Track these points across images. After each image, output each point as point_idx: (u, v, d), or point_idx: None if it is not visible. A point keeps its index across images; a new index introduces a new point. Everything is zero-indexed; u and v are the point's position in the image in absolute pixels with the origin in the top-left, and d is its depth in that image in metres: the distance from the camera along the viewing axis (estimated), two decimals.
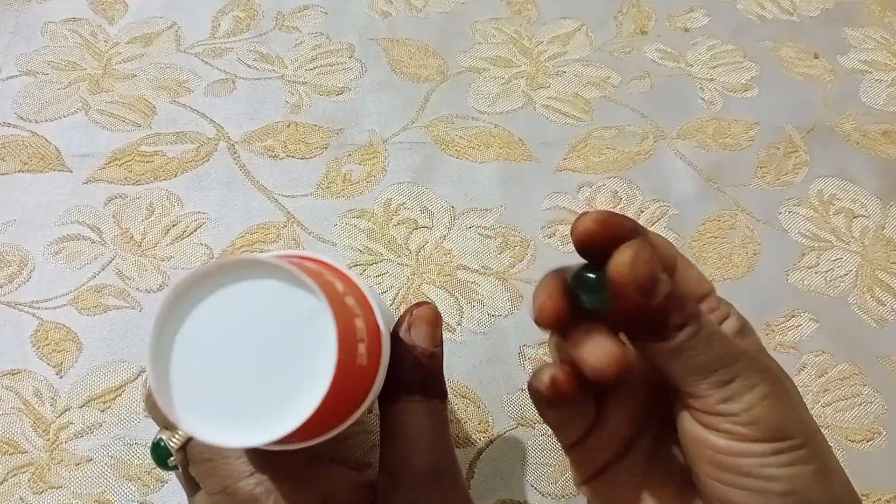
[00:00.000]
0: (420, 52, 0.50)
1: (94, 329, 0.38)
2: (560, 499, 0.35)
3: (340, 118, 0.46)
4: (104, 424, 0.36)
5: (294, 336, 0.20)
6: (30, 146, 0.44)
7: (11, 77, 0.46)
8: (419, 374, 0.27)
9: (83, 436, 0.35)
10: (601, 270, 0.25)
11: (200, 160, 0.44)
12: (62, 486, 0.34)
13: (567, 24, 0.52)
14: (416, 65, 0.49)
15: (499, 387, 0.38)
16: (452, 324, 0.39)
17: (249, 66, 0.48)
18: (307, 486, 0.25)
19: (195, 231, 0.41)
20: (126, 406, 0.36)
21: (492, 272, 0.41)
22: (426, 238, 0.42)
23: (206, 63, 0.48)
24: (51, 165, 0.43)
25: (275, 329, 0.20)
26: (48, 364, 0.37)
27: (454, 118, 0.47)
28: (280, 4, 0.51)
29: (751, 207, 0.44)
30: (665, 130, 0.47)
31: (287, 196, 0.43)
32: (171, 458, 0.25)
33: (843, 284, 0.42)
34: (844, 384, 0.39)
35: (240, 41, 0.49)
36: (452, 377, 0.38)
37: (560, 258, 0.42)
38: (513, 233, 0.42)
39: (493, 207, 0.43)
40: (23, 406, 0.36)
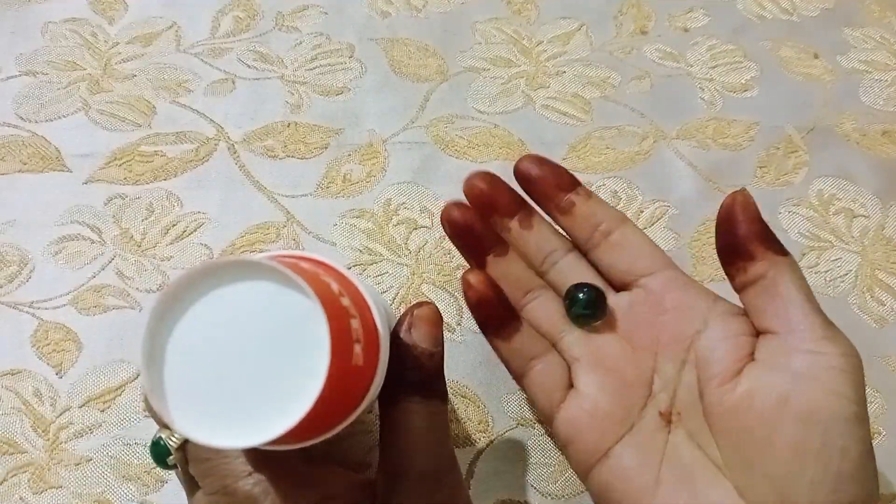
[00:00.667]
0: (420, 52, 0.50)
1: (94, 329, 0.38)
2: (560, 499, 0.35)
3: (340, 118, 0.46)
4: (104, 424, 0.36)
5: (288, 337, 0.20)
6: (30, 146, 0.44)
7: (11, 77, 0.46)
8: (420, 375, 0.26)
9: (83, 436, 0.35)
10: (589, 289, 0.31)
11: (200, 160, 0.44)
12: (62, 486, 0.34)
13: (567, 24, 0.52)
14: (416, 65, 0.49)
15: (499, 387, 0.38)
16: (452, 324, 0.39)
17: (249, 66, 0.48)
18: (306, 486, 0.25)
19: (195, 231, 0.41)
20: (126, 406, 0.36)
21: None
22: (426, 238, 0.42)
23: (206, 63, 0.48)
24: (51, 165, 0.43)
25: (268, 330, 0.20)
26: (48, 364, 0.37)
27: (454, 118, 0.47)
28: (280, 4, 0.51)
29: None
30: (665, 130, 0.47)
31: (287, 196, 0.43)
32: (170, 458, 0.25)
33: (843, 284, 0.42)
34: None
35: (240, 41, 0.49)
36: (452, 377, 0.38)
37: None
38: None
39: None
40: (22, 406, 0.36)
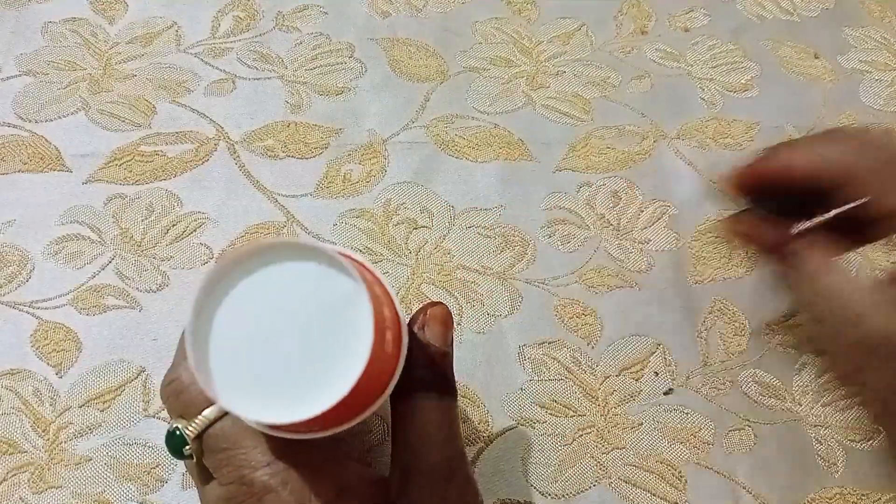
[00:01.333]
0: (420, 52, 0.50)
1: (94, 329, 0.38)
2: (560, 499, 0.35)
3: (340, 118, 0.46)
4: (104, 424, 0.36)
5: (331, 318, 0.21)
6: (30, 146, 0.44)
7: (11, 77, 0.46)
8: (432, 373, 0.27)
9: (83, 436, 0.35)
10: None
11: (200, 160, 0.44)
12: (62, 486, 0.34)
13: (567, 24, 0.52)
14: (416, 65, 0.49)
15: (499, 387, 0.38)
16: None
17: (249, 66, 0.48)
18: (323, 478, 0.25)
19: (195, 231, 0.41)
20: (126, 406, 0.36)
21: (491, 272, 0.41)
22: (426, 238, 0.42)
23: (206, 63, 0.48)
24: (51, 165, 0.43)
25: (312, 310, 0.21)
26: (48, 364, 0.37)
27: (454, 118, 0.47)
28: (280, 4, 0.51)
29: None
30: (665, 130, 0.47)
31: (287, 196, 0.43)
32: (187, 447, 0.25)
33: None
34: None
35: (240, 41, 0.49)
36: None
37: (560, 258, 0.42)
38: (512, 232, 0.42)
39: (493, 207, 0.43)
40: (22, 406, 0.36)
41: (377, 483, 0.27)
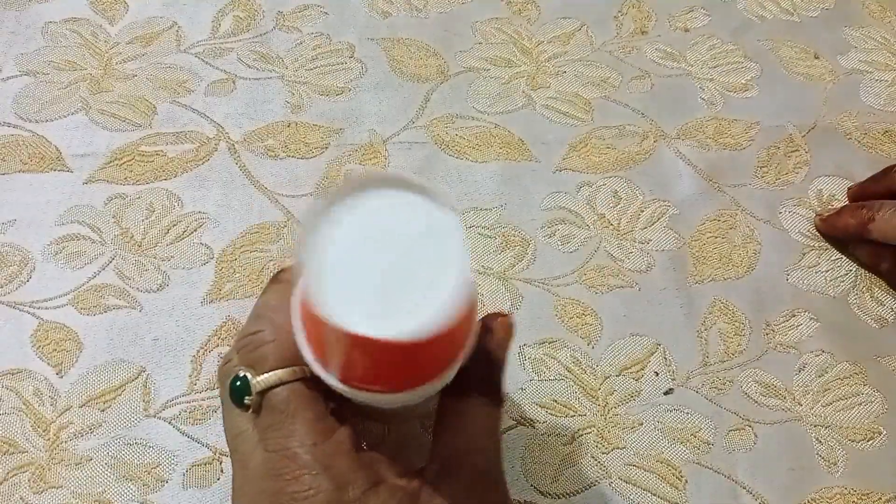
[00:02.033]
0: (420, 52, 0.50)
1: (94, 329, 0.38)
2: (560, 498, 0.35)
3: (340, 118, 0.46)
4: (104, 424, 0.36)
5: (430, 246, 0.21)
6: (30, 146, 0.44)
7: (11, 77, 0.46)
8: (489, 378, 0.28)
9: (83, 436, 0.35)
10: None
11: (200, 160, 0.44)
12: (62, 486, 0.34)
13: (567, 24, 0.52)
14: (417, 65, 0.49)
15: None
16: None
17: (250, 66, 0.48)
18: (361, 467, 0.25)
19: (195, 231, 0.41)
20: (126, 406, 0.36)
21: (492, 272, 0.41)
22: None
23: (207, 63, 0.48)
24: (51, 165, 0.43)
25: (414, 239, 0.22)
26: (48, 364, 0.37)
27: (454, 118, 0.47)
28: (280, 4, 0.51)
29: (751, 207, 0.44)
30: (665, 130, 0.47)
31: (287, 196, 0.43)
32: (249, 398, 0.25)
33: (843, 284, 0.42)
34: (844, 384, 0.39)
35: (240, 41, 0.49)
36: None
37: (560, 258, 0.42)
38: (513, 232, 0.42)
39: (493, 207, 0.43)
40: (23, 406, 0.36)
41: (410, 476, 0.26)
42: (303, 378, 0.25)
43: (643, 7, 0.53)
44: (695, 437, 0.37)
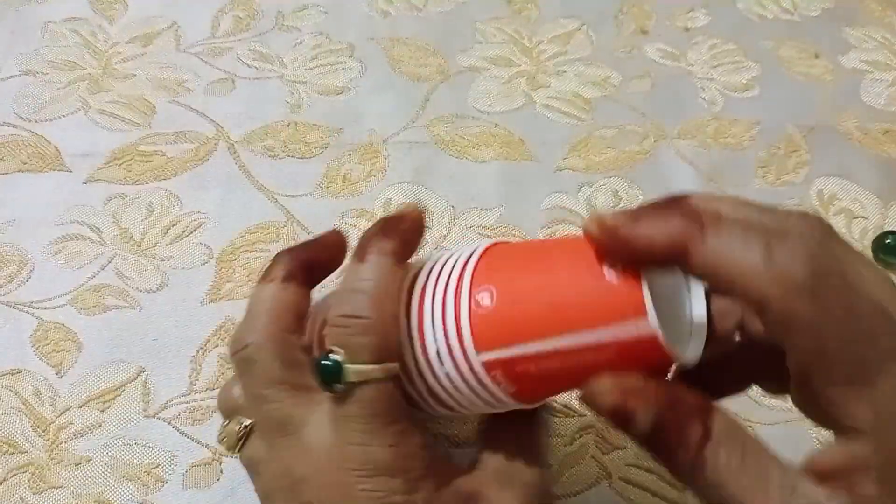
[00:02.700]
0: (420, 52, 0.50)
1: (94, 329, 0.38)
2: (560, 499, 0.35)
3: (340, 118, 0.46)
4: (104, 424, 0.36)
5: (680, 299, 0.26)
6: (29, 146, 0.44)
7: (11, 77, 0.46)
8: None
9: (83, 436, 0.35)
10: None
11: (200, 160, 0.44)
12: (62, 486, 0.34)
13: (567, 24, 0.52)
14: (416, 64, 0.49)
15: None
16: None
17: (249, 66, 0.48)
18: (430, 472, 0.25)
19: (195, 231, 0.41)
20: (126, 406, 0.36)
21: None
22: (426, 238, 0.42)
23: (206, 62, 0.48)
24: (50, 165, 0.43)
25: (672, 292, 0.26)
26: (48, 364, 0.37)
27: (454, 118, 0.47)
28: (280, 4, 0.51)
29: None
30: (666, 130, 0.47)
31: (287, 196, 0.43)
32: (339, 385, 0.24)
33: None
34: None
35: (239, 41, 0.49)
36: None
37: None
38: (513, 232, 0.42)
39: (493, 207, 0.43)
40: (22, 406, 0.36)
41: (468, 479, 0.27)
42: (394, 377, 0.25)
43: (644, 7, 0.53)
44: None
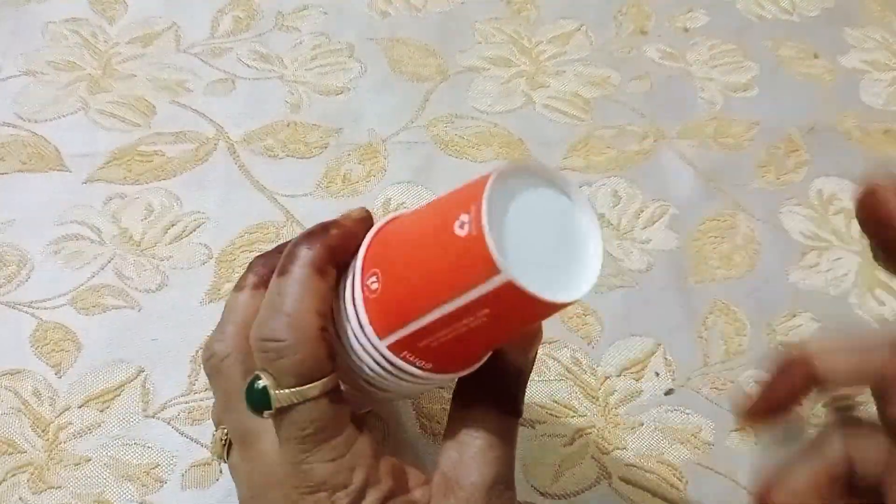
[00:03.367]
0: (420, 52, 0.50)
1: (93, 329, 0.38)
2: (560, 499, 0.35)
3: (340, 118, 0.46)
4: (103, 424, 0.36)
5: (570, 231, 0.24)
6: (29, 146, 0.44)
7: (11, 77, 0.46)
8: (508, 388, 0.27)
9: (82, 436, 0.35)
10: None
11: (200, 160, 0.44)
12: (61, 486, 0.34)
13: (567, 24, 0.52)
14: (416, 64, 0.49)
15: None
16: None
17: (249, 66, 0.48)
18: (377, 479, 0.25)
19: (194, 231, 0.41)
20: (125, 406, 0.36)
21: None
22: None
23: (206, 63, 0.48)
24: (50, 165, 0.43)
25: (557, 223, 0.24)
26: (47, 364, 0.37)
27: (454, 118, 0.47)
28: (280, 4, 0.51)
29: (751, 207, 0.44)
30: (665, 130, 0.47)
31: (286, 196, 0.43)
32: (269, 411, 0.24)
33: (844, 284, 0.42)
34: None
35: (239, 41, 0.49)
36: None
37: None
38: None
39: None
40: (22, 406, 0.36)
41: (419, 486, 0.26)
42: (328, 392, 0.24)
43: (643, 7, 0.53)
44: (695, 438, 0.37)
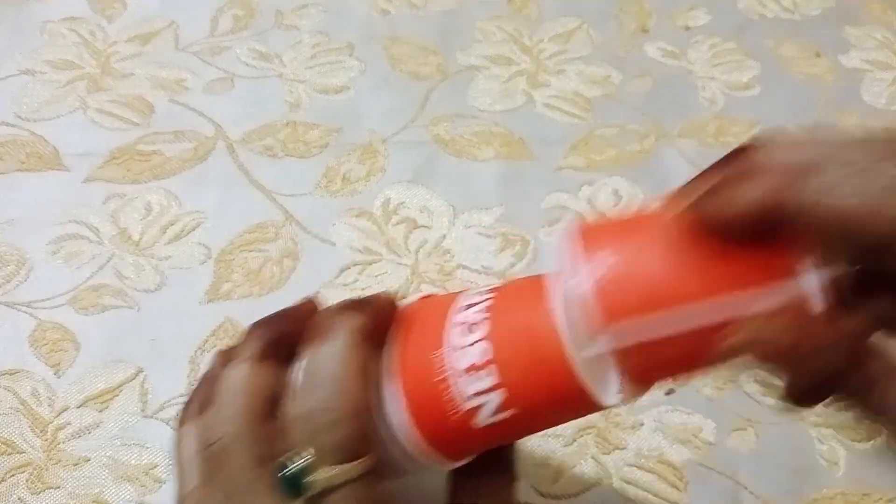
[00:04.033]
0: (420, 51, 0.49)
1: (92, 329, 0.38)
2: (560, 499, 0.35)
3: (340, 117, 0.46)
4: (102, 424, 0.35)
5: None
6: (28, 145, 0.44)
7: (10, 76, 0.46)
8: (500, 452, 0.27)
9: (81, 436, 0.35)
10: None
11: (199, 159, 0.44)
12: (60, 487, 0.34)
13: (568, 23, 0.52)
14: (416, 63, 0.49)
15: None
16: None
17: (248, 65, 0.48)
18: None
19: (193, 230, 0.41)
20: (124, 406, 0.36)
21: (492, 272, 0.41)
22: (426, 238, 0.42)
23: (205, 61, 0.48)
24: (49, 165, 0.43)
25: None
26: (46, 364, 0.37)
27: (454, 117, 0.46)
28: (279, 2, 0.51)
29: None
30: (666, 129, 0.47)
31: (286, 195, 0.43)
32: (302, 496, 0.21)
33: None
34: None
35: (238, 39, 0.49)
36: None
37: None
38: (513, 232, 0.42)
39: (493, 206, 0.43)
40: (20, 406, 0.36)
41: None
42: (366, 473, 0.21)
43: (644, 5, 0.53)
44: (696, 438, 0.37)
